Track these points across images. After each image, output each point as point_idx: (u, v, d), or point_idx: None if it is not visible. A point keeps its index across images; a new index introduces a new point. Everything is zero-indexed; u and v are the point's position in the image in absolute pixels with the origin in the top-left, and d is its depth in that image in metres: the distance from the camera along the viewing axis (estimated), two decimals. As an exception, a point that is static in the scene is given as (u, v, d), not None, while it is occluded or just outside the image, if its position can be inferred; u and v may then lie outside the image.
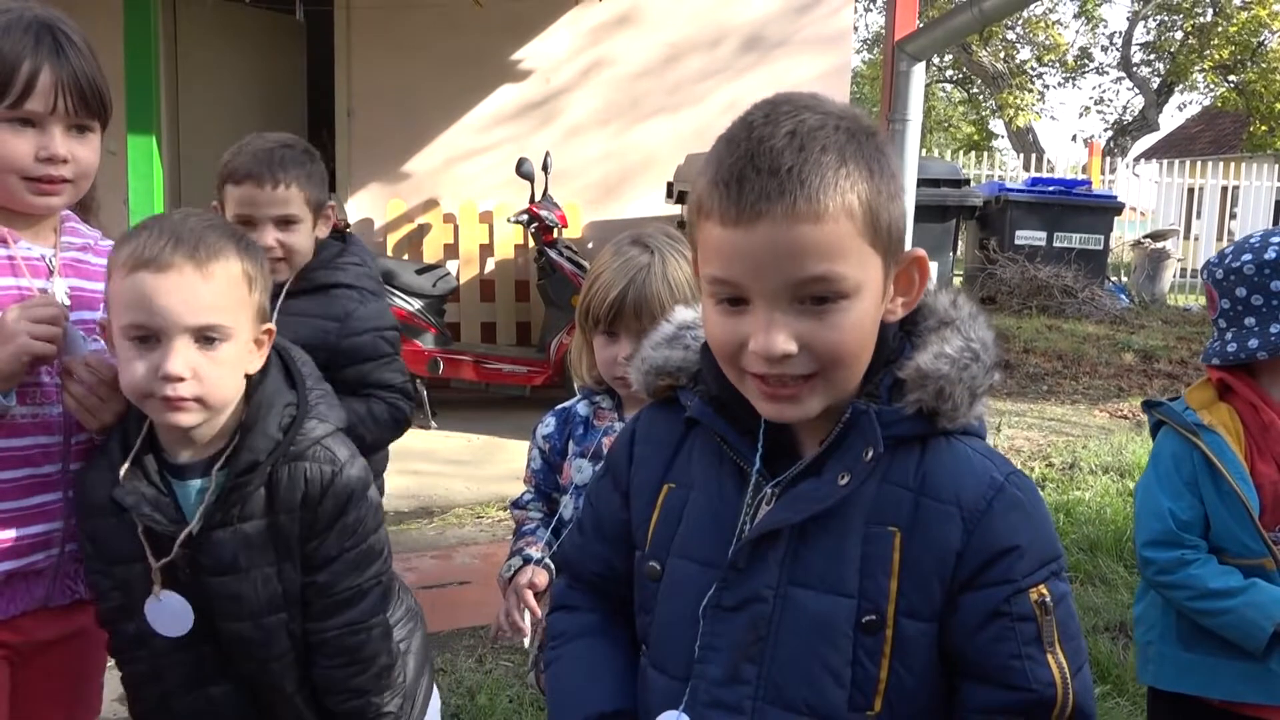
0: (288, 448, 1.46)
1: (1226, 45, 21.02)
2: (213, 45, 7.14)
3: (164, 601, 1.47)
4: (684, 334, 1.19)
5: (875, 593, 1.03)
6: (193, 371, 1.37)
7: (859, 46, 26.13)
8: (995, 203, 10.94)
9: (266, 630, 1.49)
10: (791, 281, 0.97)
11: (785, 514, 1.04)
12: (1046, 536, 1.06)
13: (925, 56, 5.47)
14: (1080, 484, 5.24)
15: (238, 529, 1.45)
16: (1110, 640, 3.52)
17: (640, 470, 1.18)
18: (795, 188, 0.95)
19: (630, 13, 7.34)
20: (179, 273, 1.36)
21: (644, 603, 1.15)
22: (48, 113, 1.49)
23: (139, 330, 1.37)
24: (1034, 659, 1.02)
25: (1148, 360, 8.53)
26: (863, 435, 1.03)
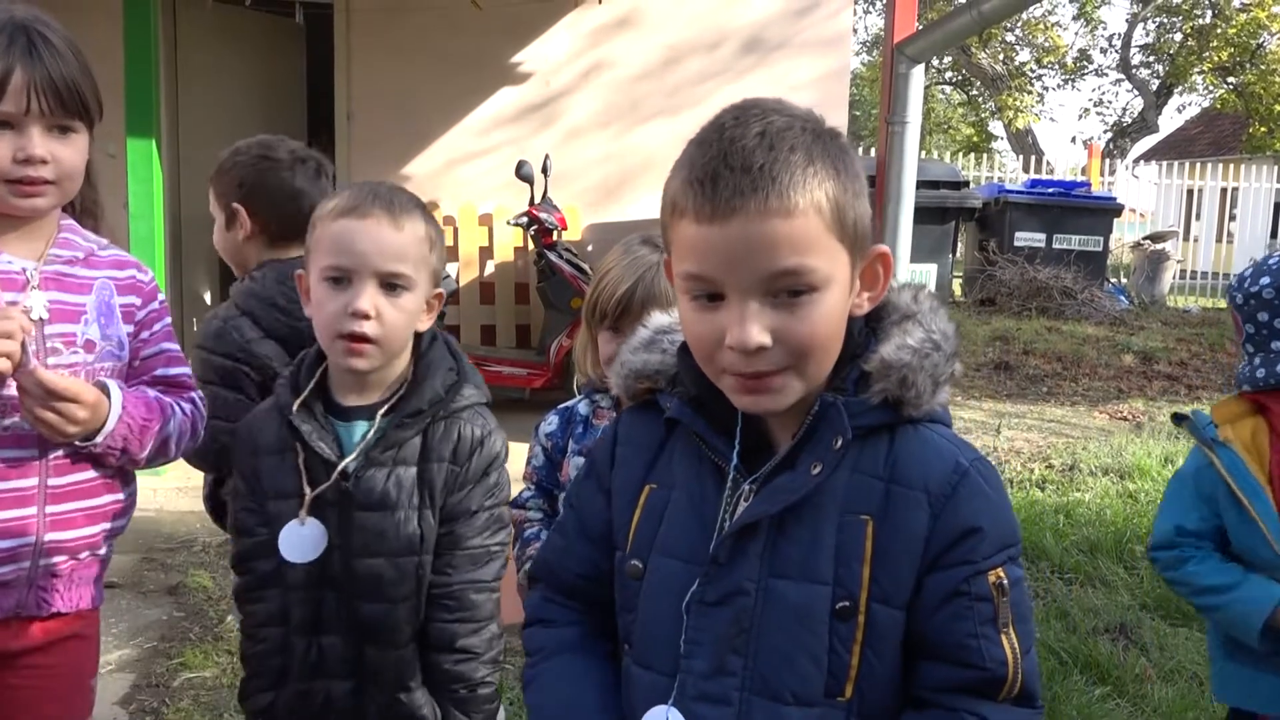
0: (448, 404, 1.60)
1: (1225, 47, 21.05)
2: (212, 48, 7.14)
3: (305, 528, 1.55)
4: (661, 338, 1.22)
5: (849, 580, 1.06)
6: (376, 311, 1.51)
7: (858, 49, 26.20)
8: (995, 204, 10.95)
9: (400, 570, 1.57)
10: (765, 274, 1.01)
11: (762, 507, 1.08)
12: (1007, 521, 1.10)
13: (924, 59, 5.48)
14: (1080, 485, 5.25)
15: (392, 470, 1.57)
16: (1110, 642, 3.52)
17: (622, 471, 1.21)
18: (767, 184, 0.99)
19: (630, 15, 7.35)
20: (376, 221, 1.53)
21: (626, 602, 1.17)
22: (22, 113, 1.49)
23: (335, 271, 1.52)
24: (989, 638, 1.06)
25: (1147, 362, 8.53)
26: (832, 426, 1.07)
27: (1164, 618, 3.74)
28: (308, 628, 1.60)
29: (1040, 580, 4.08)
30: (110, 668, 3.23)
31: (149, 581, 3.93)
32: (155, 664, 3.26)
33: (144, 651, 3.35)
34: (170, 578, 3.96)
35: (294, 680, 1.61)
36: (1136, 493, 5.11)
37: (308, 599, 1.59)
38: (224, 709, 2.98)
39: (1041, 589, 4.00)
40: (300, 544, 1.56)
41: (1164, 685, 3.21)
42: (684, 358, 1.15)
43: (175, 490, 4.95)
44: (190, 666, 3.21)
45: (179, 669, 3.21)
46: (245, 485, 1.64)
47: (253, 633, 1.64)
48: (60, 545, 1.61)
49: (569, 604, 1.25)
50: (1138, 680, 3.25)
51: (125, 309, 1.69)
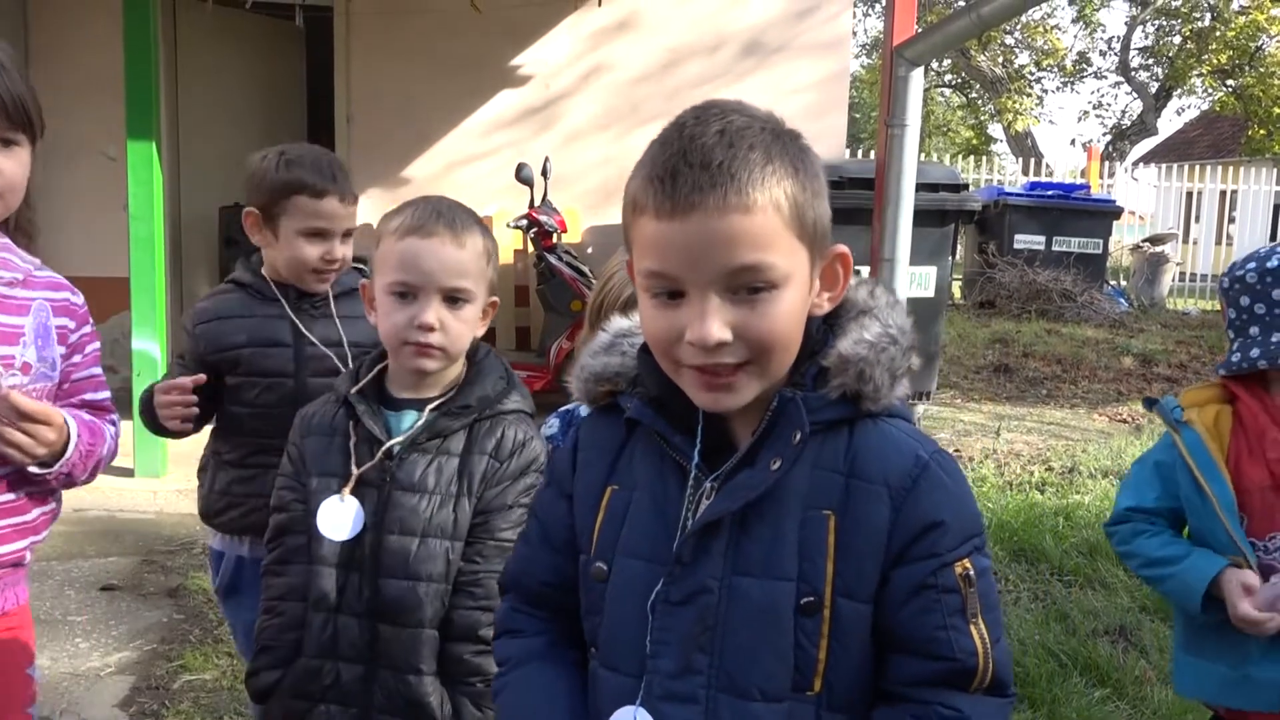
0: (495, 405, 1.70)
1: (1224, 50, 21.08)
2: (212, 51, 7.15)
3: (344, 504, 1.62)
4: (621, 341, 1.23)
5: (813, 575, 1.07)
6: (441, 323, 1.62)
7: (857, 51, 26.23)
8: (994, 207, 10.95)
9: (428, 550, 1.63)
10: (724, 270, 1.02)
11: (724, 504, 1.08)
12: (969, 512, 1.11)
13: (924, 61, 5.48)
14: (1080, 488, 5.24)
15: (435, 458, 1.66)
16: (1110, 644, 3.52)
17: (584, 475, 1.21)
18: (726, 181, 1.00)
19: (629, 18, 7.36)
20: (440, 240, 1.63)
21: (592, 605, 1.17)
22: None
23: (401, 286, 1.63)
24: (958, 629, 1.07)
25: (1147, 364, 8.53)
26: (790, 421, 1.08)
27: (1164, 620, 3.74)
28: (327, 605, 1.64)
29: (1040, 582, 4.08)
30: (110, 670, 3.24)
31: (149, 584, 3.93)
32: (155, 666, 3.26)
33: (144, 654, 3.35)
34: (170, 580, 3.96)
35: (304, 657, 1.64)
36: (1136, 495, 5.10)
37: (335, 577, 1.64)
38: (224, 711, 2.98)
39: (1041, 591, 4.00)
40: (338, 520, 1.63)
41: (1163, 687, 3.21)
42: (644, 358, 1.15)
43: (175, 493, 4.95)
44: (190, 669, 3.21)
45: (179, 671, 3.21)
46: (290, 465, 1.72)
47: (270, 606, 1.69)
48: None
49: (535, 613, 1.26)
50: (1137, 682, 3.25)
51: (60, 330, 1.70)
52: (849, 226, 6.10)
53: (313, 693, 1.64)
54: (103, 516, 4.67)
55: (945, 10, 19.62)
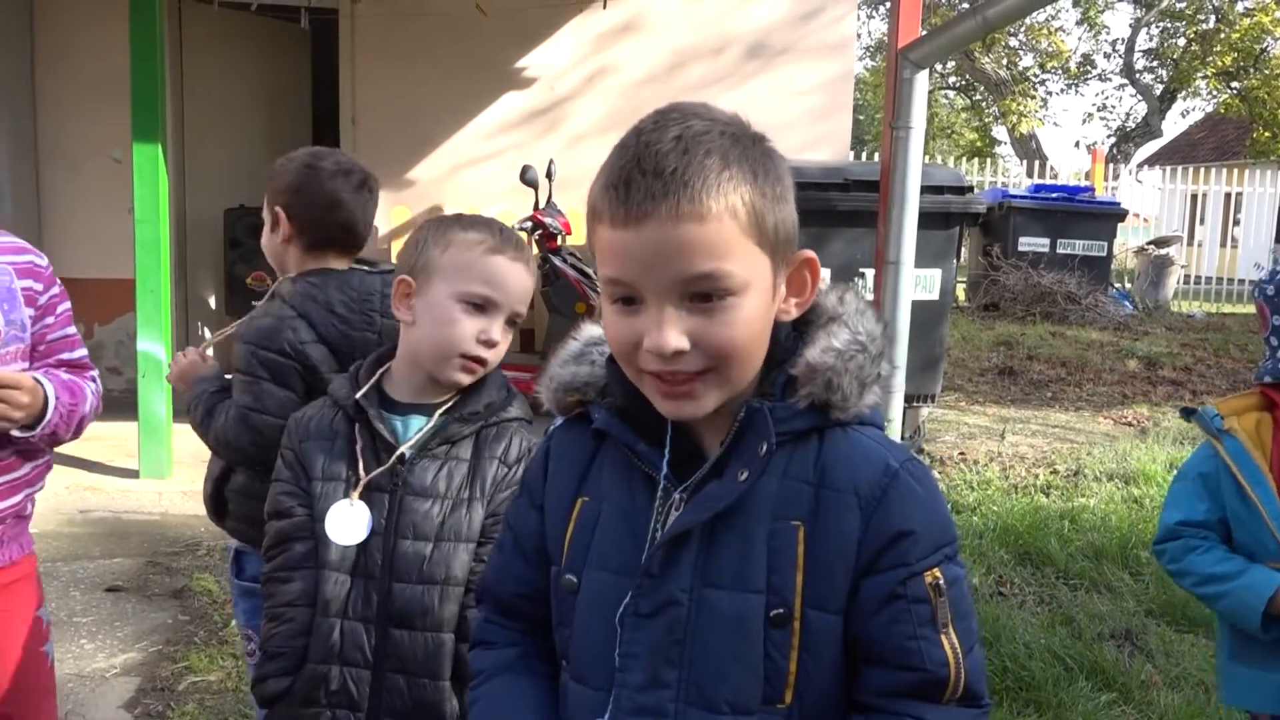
0: (500, 412, 1.73)
1: (1229, 52, 21.04)
2: (218, 53, 7.16)
3: (354, 508, 1.62)
4: (590, 350, 1.21)
5: (782, 586, 1.06)
6: (498, 343, 1.67)
7: (862, 54, 26.21)
8: (998, 210, 10.93)
9: (444, 554, 1.64)
10: (679, 279, 1.00)
11: (692, 516, 1.07)
12: (940, 521, 1.09)
13: (929, 64, 5.47)
14: (1085, 491, 5.24)
15: (445, 463, 1.67)
16: (1116, 648, 3.52)
17: (554, 486, 1.20)
18: (679, 189, 0.99)
19: (634, 20, 7.36)
20: (523, 265, 1.70)
21: (562, 616, 1.16)
22: None
23: (478, 299, 1.66)
24: (929, 639, 1.05)
25: (1152, 367, 8.52)
26: (758, 432, 1.06)
27: (1170, 624, 3.73)
28: (336, 611, 1.64)
29: (1045, 586, 4.08)
30: (115, 671, 3.24)
31: (154, 585, 3.93)
32: (160, 668, 3.26)
33: (149, 655, 3.35)
34: (175, 581, 3.96)
35: (310, 662, 1.64)
36: (1141, 498, 5.10)
37: (341, 583, 1.64)
38: (229, 713, 2.98)
39: (1047, 594, 4.00)
40: (348, 525, 1.63)
41: (1170, 692, 3.21)
42: (612, 368, 1.14)
43: (181, 494, 4.96)
44: (195, 670, 3.22)
45: (184, 673, 3.21)
46: (289, 470, 1.71)
47: (279, 613, 1.67)
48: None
49: (509, 624, 1.25)
50: (1144, 687, 3.24)
51: (26, 293, 1.75)
52: (853, 229, 6.10)
53: (318, 698, 1.64)
54: (108, 518, 4.67)
55: (950, 13, 19.61)
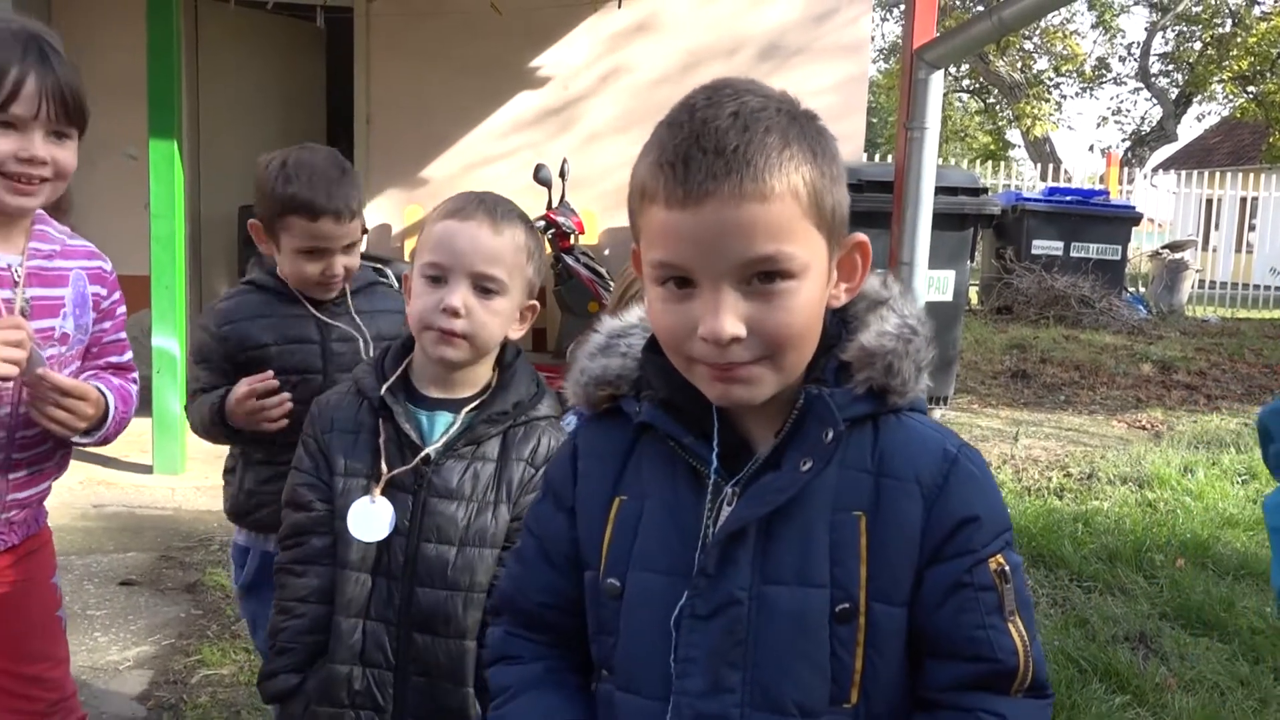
0: (529, 411, 1.66)
1: (1245, 56, 20.94)
2: (234, 51, 7.19)
3: (375, 505, 1.58)
4: (617, 342, 1.16)
5: (846, 580, 1.02)
6: (467, 309, 1.56)
7: (876, 56, 26.16)
8: (1012, 213, 10.91)
9: (468, 559, 1.59)
10: (740, 261, 0.96)
11: (750, 510, 1.02)
12: (1000, 506, 1.07)
13: (944, 65, 5.46)
14: (1098, 494, 5.21)
15: (471, 463, 1.62)
16: (1130, 650, 3.49)
17: (586, 486, 1.14)
18: (742, 167, 0.94)
19: (648, 20, 7.37)
20: (477, 224, 1.58)
21: (604, 624, 1.10)
22: (31, 117, 1.60)
23: (433, 269, 1.57)
24: (997, 628, 1.02)
25: (1166, 371, 8.48)
26: (819, 419, 1.02)
27: (1184, 627, 3.71)
28: (354, 610, 1.60)
29: (1059, 588, 4.06)
30: (128, 664, 3.25)
31: (167, 579, 3.94)
32: (173, 661, 3.27)
33: (162, 648, 3.36)
34: (188, 576, 3.97)
35: (331, 662, 1.60)
36: (1156, 501, 5.08)
37: (359, 581, 1.59)
38: (241, 706, 2.99)
39: (1060, 597, 3.98)
40: (370, 522, 1.58)
41: (1185, 695, 3.18)
42: (651, 359, 1.09)
43: (193, 489, 4.98)
44: (208, 663, 3.22)
45: (196, 666, 3.22)
46: (310, 461, 1.66)
47: (289, 607, 1.63)
48: (19, 502, 1.80)
49: (533, 637, 1.18)
50: (1158, 689, 3.22)
51: (94, 297, 1.82)
52: (867, 230, 6.00)
53: (340, 698, 1.59)
54: (122, 512, 4.69)
55: (964, 15, 19.57)
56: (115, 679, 3.15)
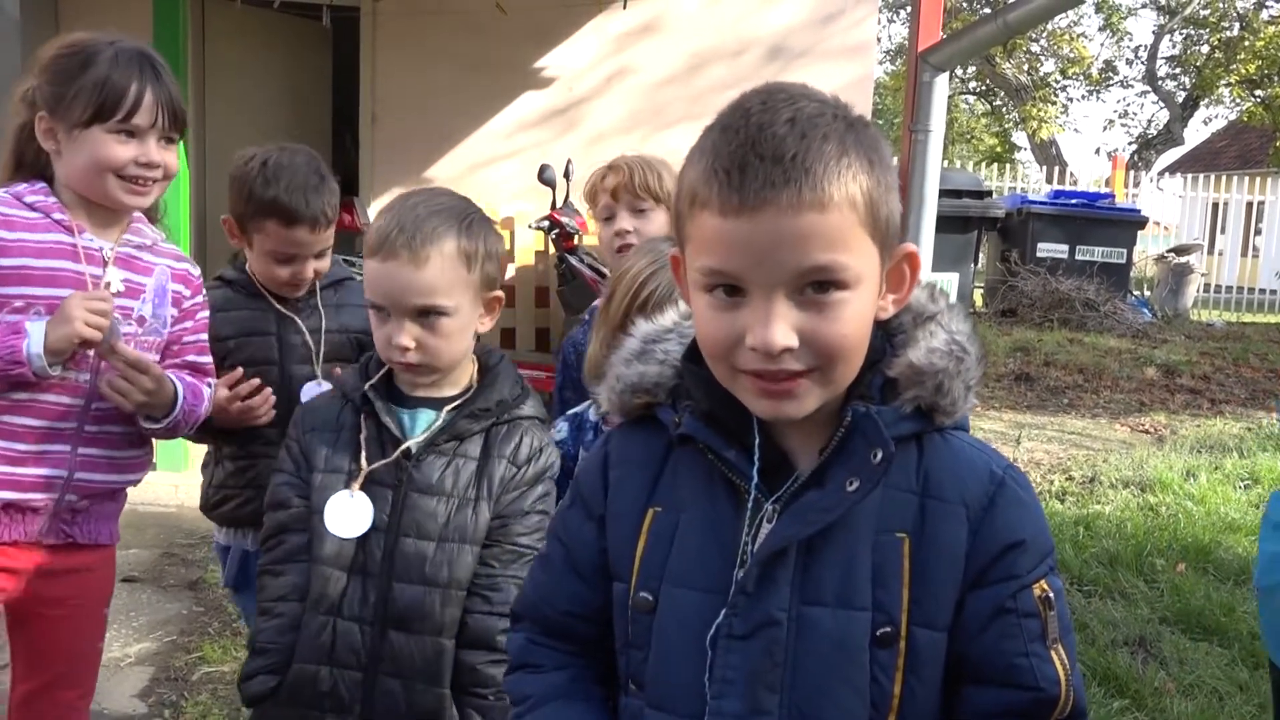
0: (512, 410, 1.67)
1: (1253, 60, 20.88)
2: (240, 49, 7.21)
3: (354, 499, 1.60)
4: (652, 348, 1.14)
5: (889, 603, 0.99)
6: (417, 343, 1.58)
7: (882, 57, 26.13)
8: (1017, 215, 10.90)
9: (446, 554, 1.59)
10: (795, 271, 0.93)
11: (793, 529, 0.99)
12: (1044, 530, 1.05)
13: (948, 67, 5.46)
14: (1100, 498, 5.21)
15: (453, 460, 1.63)
16: (1130, 654, 3.50)
17: (619, 496, 1.11)
18: (800, 175, 0.92)
19: (654, 21, 7.37)
20: (398, 261, 1.57)
21: (635, 638, 1.07)
22: (149, 127, 1.80)
23: (375, 306, 1.61)
24: (1040, 656, 1.00)
25: (1170, 375, 8.47)
26: (866, 438, 0.99)
27: (1184, 631, 3.71)
28: (328, 607, 1.57)
29: (1059, 592, 4.06)
30: (130, 661, 3.26)
31: (169, 576, 3.96)
32: (174, 658, 3.29)
33: (163, 645, 3.38)
34: (190, 573, 3.99)
35: (299, 661, 1.57)
36: (1158, 506, 5.07)
37: (336, 579, 1.58)
38: (242, 703, 3.00)
39: (1060, 601, 3.98)
40: (347, 517, 1.58)
41: (1183, 699, 3.18)
42: (691, 369, 1.06)
43: (196, 486, 4.97)
44: (209, 660, 3.24)
45: (198, 663, 3.24)
46: (291, 461, 1.67)
47: (268, 608, 1.62)
48: (86, 485, 1.88)
49: (557, 646, 1.16)
50: (1157, 694, 3.22)
51: (175, 295, 1.96)
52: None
53: (308, 699, 1.57)
54: (125, 509, 4.70)
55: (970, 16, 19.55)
56: (117, 675, 3.16)
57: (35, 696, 1.93)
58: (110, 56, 1.79)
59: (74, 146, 1.78)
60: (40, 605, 1.89)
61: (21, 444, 1.80)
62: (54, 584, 1.89)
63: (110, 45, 1.81)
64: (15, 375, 1.73)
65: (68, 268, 1.80)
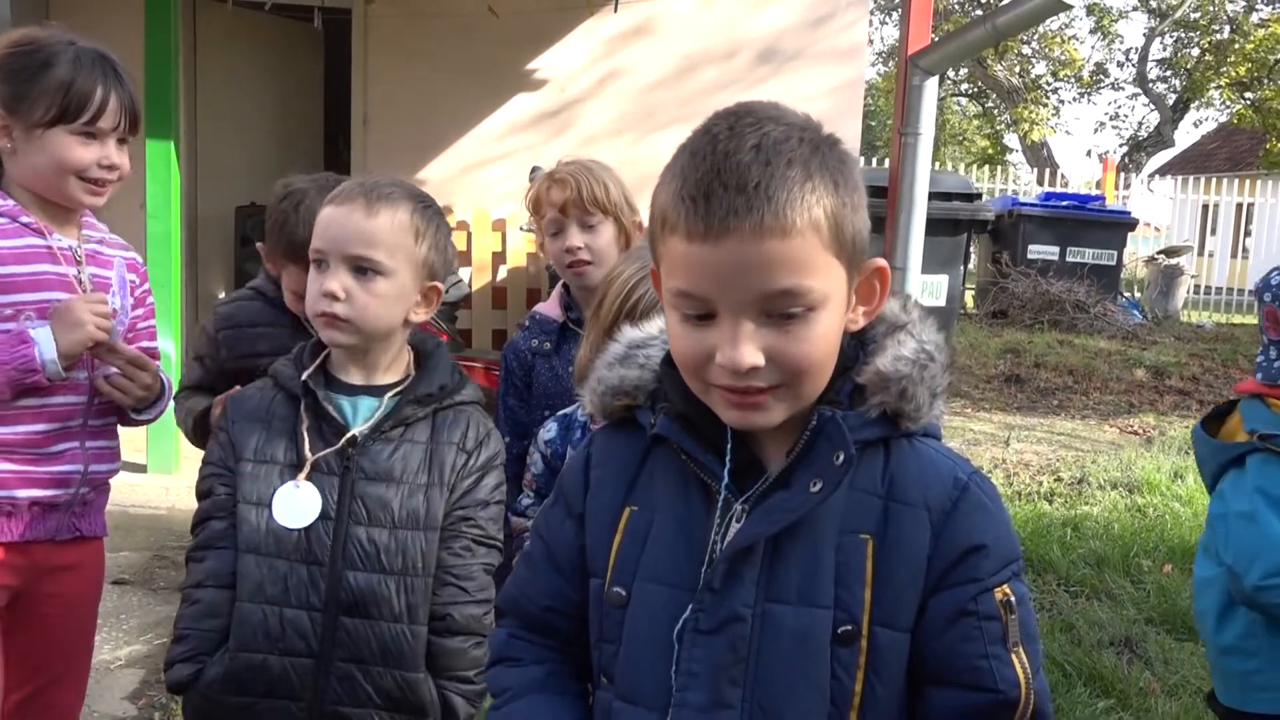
0: (455, 395, 1.67)
1: (1243, 62, 20.96)
2: (231, 52, 7.20)
3: (300, 490, 1.58)
4: (635, 353, 1.18)
5: (850, 602, 1.02)
6: (346, 293, 1.57)
7: (874, 59, 26.17)
8: (1008, 217, 10.94)
9: (400, 541, 1.58)
10: (759, 295, 0.97)
11: (759, 528, 1.03)
12: (1009, 537, 1.07)
13: (939, 71, 5.48)
14: (1088, 499, 5.24)
15: (399, 445, 1.62)
16: (1115, 655, 3.52)
17: (598, 494, 1.15)
18: (763, 204, 0.95)
19: (645, 24, 7.38)
20: (350, 208, 1.59)
21: (607, 631, 1.11)
22: (110, 130, 1.82)
23: (316, 254, 1.60)
24: (1000, 659, 1.02)
25: (1159, 376, 8.51)
26: (830, 441, 1.03)
27: (1169, 632, 3.74)
28: (269, 596, 1.55)
29: (1046, 593, 4.08)
30: (120, 663, 3.27)
31: (160, 579, 3.96)
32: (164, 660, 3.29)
33: (154, 648, 3.38)
34: (181, 575, 3.96)
35: (240, 650, 1.55)
36: (1145, 507, 5.10)
37: (274, 567, 1.56)
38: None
39: (1047, 601, 4.00)
40: (295, 508, 1.57)
41: (1168, 699, 3.21)
42: (669, 373, 1.10)
43: (187, 489, 4.96)
44: (199, 663, 3.24)
45: (188, 665, 3.24)
46: (220, 451, 1.65)
47: (188, 594, 1.60)
48: (96, 476, 1.94)
49: (536, 640, 1.19)
50: (1142, 694, 3.25)
51: (130, 284, 2.01)
52: (861, 234, 6.13)
53: (255, 687, 1.55)
54: (115, 511, 4.66)
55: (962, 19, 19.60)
56: (107, 678, 3.16)
57: (29, 702, 1.93)
58: (72, 58, 1.78)
59: (33, 146, 1.78)
60: (38, 603, 1.90)
61: (40, 447, 1.84)
62: (52, 580, 1.91)
63: (70, 45, 1.79)
64: (30, 383, 1.76)
65: (49, 270, 1.82)
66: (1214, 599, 2.06)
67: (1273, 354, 2.01)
